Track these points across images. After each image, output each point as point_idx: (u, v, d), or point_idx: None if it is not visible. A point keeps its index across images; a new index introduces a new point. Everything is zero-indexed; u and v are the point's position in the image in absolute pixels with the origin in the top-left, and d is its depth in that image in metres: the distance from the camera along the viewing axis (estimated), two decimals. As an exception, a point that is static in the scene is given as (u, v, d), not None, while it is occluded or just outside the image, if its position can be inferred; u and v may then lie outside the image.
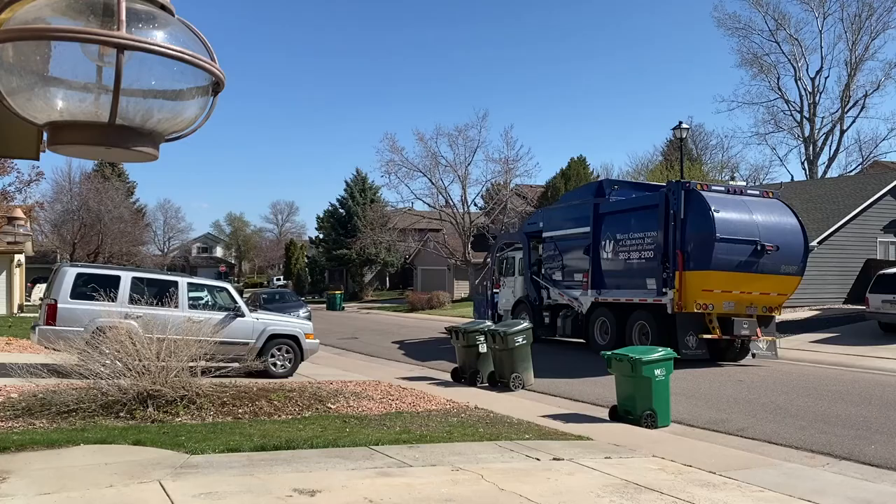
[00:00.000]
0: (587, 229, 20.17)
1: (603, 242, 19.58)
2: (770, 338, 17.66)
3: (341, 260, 57.46)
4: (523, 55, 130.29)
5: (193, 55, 1.58)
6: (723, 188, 18.30)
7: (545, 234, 22.47)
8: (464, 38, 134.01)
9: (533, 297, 22.40)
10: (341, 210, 60.59)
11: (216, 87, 1.71)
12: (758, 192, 18.77)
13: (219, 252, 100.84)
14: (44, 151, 8.07)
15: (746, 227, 16.85)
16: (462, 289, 47.08)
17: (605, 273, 19.60)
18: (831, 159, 56.37)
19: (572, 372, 15.82)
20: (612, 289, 19.34)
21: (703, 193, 17.06)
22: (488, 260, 26.92)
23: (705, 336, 16.90)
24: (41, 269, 47.93)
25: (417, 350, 21.18)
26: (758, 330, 17.19)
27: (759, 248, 16.74)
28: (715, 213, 16.49)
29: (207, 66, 1.59)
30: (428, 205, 48.63)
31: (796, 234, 17.53)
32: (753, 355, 17.61)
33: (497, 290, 24.60)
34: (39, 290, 36.54)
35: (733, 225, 16.69)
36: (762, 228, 16.98)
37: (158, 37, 1.66)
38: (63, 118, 1.58)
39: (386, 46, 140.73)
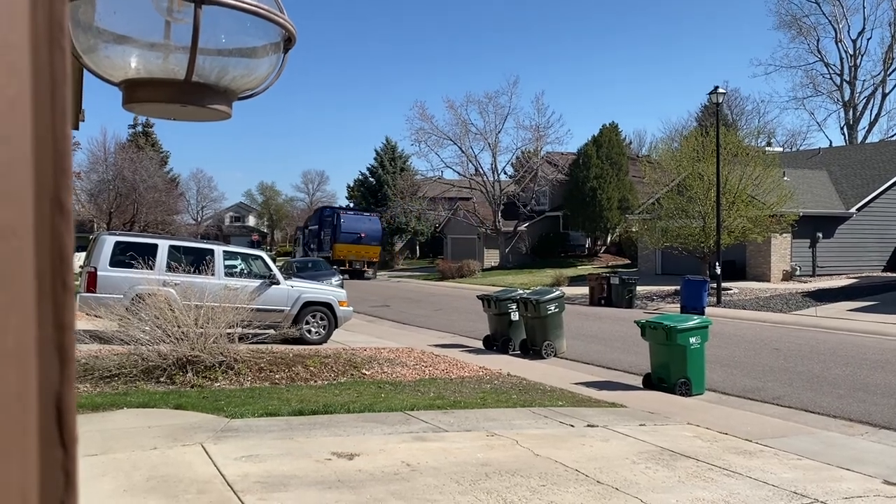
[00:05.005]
0: (317, 226, 45.60)
1: (322, 231, 44.85)
2: (372, 270, 43.59)
3: (372, 229, 57.85)
4: (555, 20, 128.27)
5: (268, 9, 1.54)
6: (353, 212, 46.59)
7: (309, 228, 47.89)
8: (495, 5, 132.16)
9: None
10: (371, 179, 60.66)
11: (287, 43, 1.67)
12: (369, 214, 46.31)
13: (251, 221, 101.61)
14: (83, 120, 8.10)
15: (356, 227, 43.18)
16: (492, 257, 47.02)
17: (322, 245, 44.16)
18: (872, 124, 55.04)
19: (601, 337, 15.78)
20: (325, 251, 42.96)
21: (343, 215, 44.05)
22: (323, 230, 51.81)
23: (343, 268, 38.70)
24: (78, 238, 48.17)
25: (448, 318, 21.29)
26: (366, 267, 43.03)
27: (360, 235, 42.99)
28: (343, 223, 43.01)
29: (281, 20, 1.54)
30: (458, 173, 48.52)
31: (378, 231, 44.70)
32: (368, 279, 41.48)
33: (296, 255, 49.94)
34: (78, 258, 37.28)
35: (351, 227, 43.03)
36: (363, 228, 43.46)
37: None
38: (140, 75, 1.56)
39: (417, 12, 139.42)
